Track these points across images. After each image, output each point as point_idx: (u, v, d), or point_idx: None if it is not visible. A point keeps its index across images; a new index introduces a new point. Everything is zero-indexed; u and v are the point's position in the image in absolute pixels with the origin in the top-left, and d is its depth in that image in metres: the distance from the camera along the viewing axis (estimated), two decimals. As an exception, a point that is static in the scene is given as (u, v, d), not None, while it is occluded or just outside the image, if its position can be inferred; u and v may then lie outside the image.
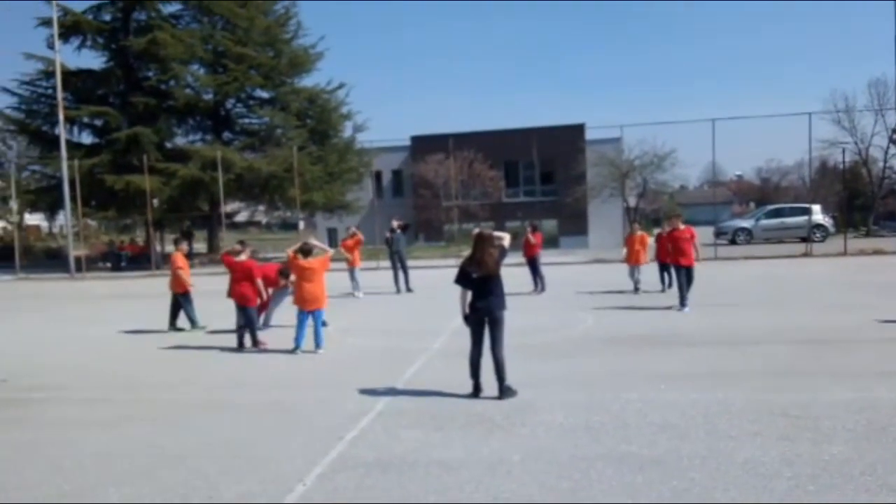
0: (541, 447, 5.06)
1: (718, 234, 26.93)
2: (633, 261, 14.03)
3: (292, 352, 9.11)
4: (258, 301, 10.04)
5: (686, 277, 11.28)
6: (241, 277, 9.86)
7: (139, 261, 28.98)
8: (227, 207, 32.35)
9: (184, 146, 30.14)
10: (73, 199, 26.13)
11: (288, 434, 5.70)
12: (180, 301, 11.68)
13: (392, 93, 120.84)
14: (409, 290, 15.82)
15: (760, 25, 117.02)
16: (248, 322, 9.77)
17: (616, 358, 8.12)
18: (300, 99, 30.96)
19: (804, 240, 25.02)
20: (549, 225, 35.92)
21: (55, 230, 54.34)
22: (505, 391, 6.41)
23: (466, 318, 6.59)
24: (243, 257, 10.07)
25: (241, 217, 40.58)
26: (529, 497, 4.20)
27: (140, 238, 35.62)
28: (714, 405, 5.93)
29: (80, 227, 31.27)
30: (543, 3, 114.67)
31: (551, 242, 31.50)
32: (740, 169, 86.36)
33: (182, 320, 11.79)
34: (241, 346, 9.69)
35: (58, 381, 8.09)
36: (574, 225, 37.53)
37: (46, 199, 30.03)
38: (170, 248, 40.30)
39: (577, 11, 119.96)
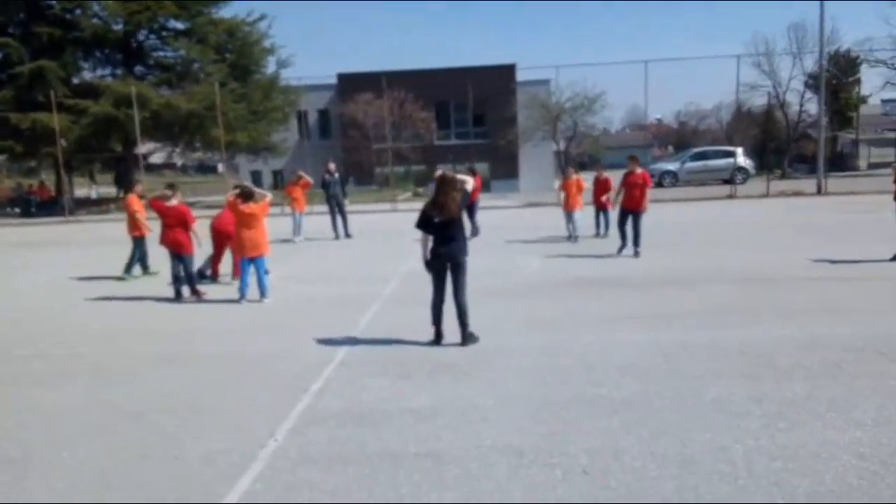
0: (511, 392, 5.06)
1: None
2: (569, 206, 13.88)
3: (238, 302, 8.76)
4: (194, 248, 9.51)
5: (635, 222, 11.28)
6: (174, 223, 9.30)
7: (49, 206, 27.19)
8: (142, 149, 30.58)
9: (93, 81, 28.02)
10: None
11: (248, 387, 5.48)
12: (136, 245, 11.19)
13: (314, 28, 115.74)
14: (347, 235, 15.49)
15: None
16: (186, 270, 9.29)
17: (568, 301, 8.21)
18: (218, 31, 29.10)
19: (727, 182, 25.97)
20: (481, 168, 35.82)
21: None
22: (468, 337, 6.37)
23: (428, 264, 6.44)
24: (174, 202, 9.48)
25: (157, 158, 38.59)
26: (509, 443, 4.19)
27: (47, 181, 33.37)
28: (672, 345, 6.08)
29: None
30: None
31: (484, 186, 31.51)
32: (660, 112, 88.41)
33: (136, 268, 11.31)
34: (178, 297, 9.23)
35: (-20, 337, 7.48)
36: (505, 168, 37.58)
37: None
38: (79, 192, 38.04)
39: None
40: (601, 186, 14.05)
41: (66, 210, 25.34)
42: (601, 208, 13.92)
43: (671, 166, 30.90)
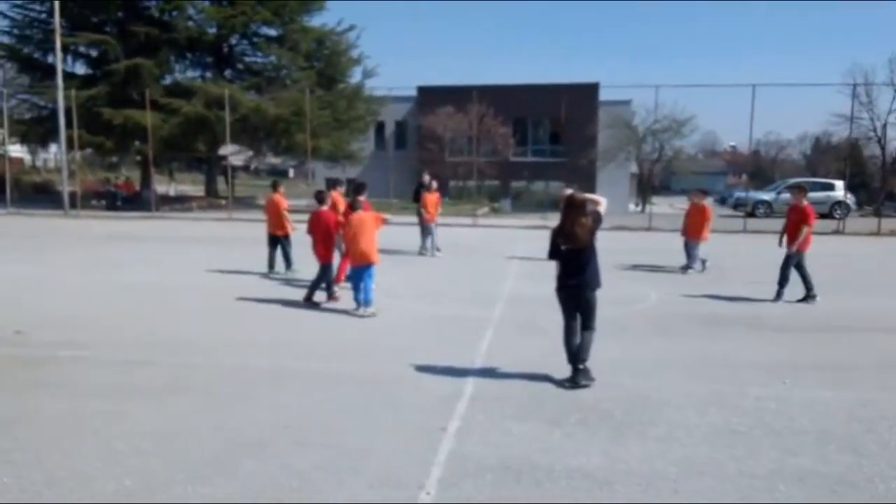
0: (694, 458, 4.28)
1: (737, 205, 26.21)
2: (697, 235, 12.40)
3: (354, 312, 8.41)
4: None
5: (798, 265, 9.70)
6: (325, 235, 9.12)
7: (133, 201, 27.75)
8: (225, 150, 30.99)
9: (184, 81, 28.56)
10: (69, 131, 24.69)
11: (377, 419, 4.87)
12: (282, 244, 11.43)
13: (397, 40, 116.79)
14: (437, 249, 14.92)
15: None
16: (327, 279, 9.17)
17: (706, 341, 7.35)
18: (308, 39, 29.34)
19: (823, 216, 24.32)
20: (555, 186, 35.01)
21: (38, 164, 52.32)
22: (580, 375, 5.61)
23: (560, 290, 5.85)
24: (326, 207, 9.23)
25: (234, 160, 39.16)
26: (717, 527, 3.43)
27: (130, 177, 34.27)
28: (859, 407, 5.19)
29: (74, 163, 29.78)
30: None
31: (555, 206, 30.57)
32: (734, 139, 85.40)
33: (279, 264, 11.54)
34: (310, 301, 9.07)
35: (85, 338, 7.13)
36: (581, 189, 36.51)
37: (38, 130, 28.44)
38: (159, 189, 38.98)
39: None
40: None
41: (151, 205, 25.75)
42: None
43: (766, 196, 29.28)
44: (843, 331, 7.91)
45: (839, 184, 27.84)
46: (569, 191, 6.29)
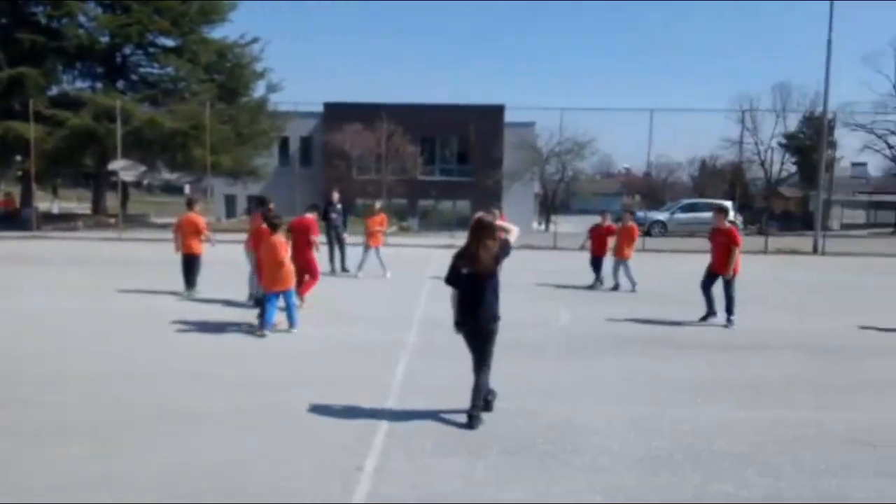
0: (621, 487, 4.17)
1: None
2: (621, 254, 12.72)
3: (260, 335, 8.02)
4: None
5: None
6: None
7: (11, 219, 25.57)
8: (114, 165, 29.16)
9: (74, 93, 26.70)
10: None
11: (286, 458, 4.48)
12: (193, 263, 11.04)
13: (302, 55, 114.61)
14: (344, 269, 14.51)
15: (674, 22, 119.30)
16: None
17: (623, 361, 7.39)
18: (209, 51, 28.11)
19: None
20: (462, 206, 35.32)
21: None
22: (473, 419, 5.16)
23: (458, 325, 5.43)
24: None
25: (128, 176, 36.96)
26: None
27: (6, 192, 31.67)
28: (774, 427, 5.29)
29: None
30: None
31: (464, 224, 30.82)
32: (628, 162, 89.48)
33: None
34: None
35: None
36: (486, 208, 37.09)
37: None
38: (40, 206, 36.24)
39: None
40: (607, 233, 13.30)
41: (32, 224, 23.76)
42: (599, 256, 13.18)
43: (661, 216, 30.66)
44: (751, 349, 8.16)
45: (729, 204, 29.52)
46: (479, 214, 5.71)
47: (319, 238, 10.54)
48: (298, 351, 7.59)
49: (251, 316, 8.83)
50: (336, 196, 14.60)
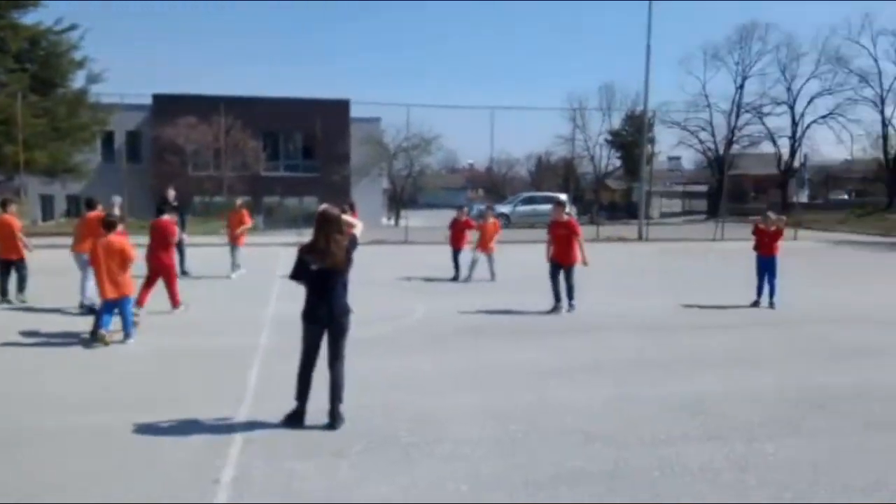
0: (484, 473, 4.30)
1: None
2: (484, 248, 13.39)
3: (95, 345, 7.36)
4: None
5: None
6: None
7: None
8: None
9: None
10: None
11: (132, 479, 4.15)
12: (17, 267, 10.24)
13: (128, 43, 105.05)
14: (184, 272, 13.64)
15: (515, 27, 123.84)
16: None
17: (477, 350, 7.63)
18: (19, 38, 25.15)
19: (553, 226, 27.21)
20: (309, 202, 34.61)
21: None
22: (338, 417, 5.10)
23: (309, 321, 5.22)
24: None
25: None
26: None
27: None
28: (615, 402, 5.72)
29: None
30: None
31: (311, 221, 30.12)
32: (471, 157, 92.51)
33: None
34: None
35: None
36: (336, 204, 36.60)
37: None
38: None
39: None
40: (466, 227, 13.94)
41: None
42: (458, 249, 13.71)
43: (504, 209, 31.94)
44: (599, 330, 8.76)
45: (564, 197, 31.44)
46: (323, 207, 5.33)
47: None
48: (139, 362, 7.04)
49: (84, 325, 8.07)
50: (172, 194, 13.65)
